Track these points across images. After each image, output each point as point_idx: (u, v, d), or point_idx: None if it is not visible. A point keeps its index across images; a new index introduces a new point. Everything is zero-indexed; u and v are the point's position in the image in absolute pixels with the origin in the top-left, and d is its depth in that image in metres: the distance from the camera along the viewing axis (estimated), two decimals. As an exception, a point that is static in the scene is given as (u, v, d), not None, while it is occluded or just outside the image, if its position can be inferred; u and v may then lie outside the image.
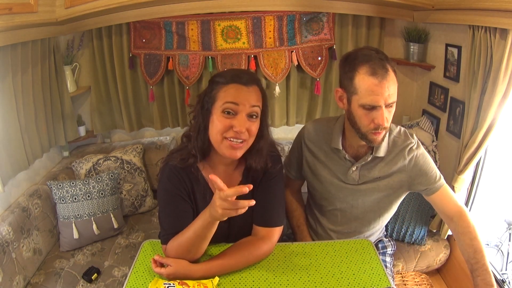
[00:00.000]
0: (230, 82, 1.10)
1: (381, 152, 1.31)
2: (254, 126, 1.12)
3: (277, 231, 1.24)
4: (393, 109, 1.18)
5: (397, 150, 1.33)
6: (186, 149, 1.18)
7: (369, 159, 1.32)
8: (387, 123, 1.18)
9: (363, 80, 1.15)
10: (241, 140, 1.09)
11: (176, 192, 1.18)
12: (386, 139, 1.30)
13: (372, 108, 1.16)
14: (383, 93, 1.12)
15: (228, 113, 1.08)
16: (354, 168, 1.34)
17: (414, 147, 1.34)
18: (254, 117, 1.11)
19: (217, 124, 1.09)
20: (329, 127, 1.40)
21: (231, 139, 1.09)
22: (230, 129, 1.08)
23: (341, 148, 1.33)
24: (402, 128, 1.38)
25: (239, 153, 1.11)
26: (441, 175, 1.37)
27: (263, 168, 1.22)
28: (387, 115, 1.17)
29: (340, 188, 1.40)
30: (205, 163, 1.22)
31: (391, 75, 1.14)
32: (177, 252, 1.12)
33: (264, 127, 1.18)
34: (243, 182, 1.24)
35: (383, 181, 1.36)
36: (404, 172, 1.34)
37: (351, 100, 1.21)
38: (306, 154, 1.46)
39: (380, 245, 1.58)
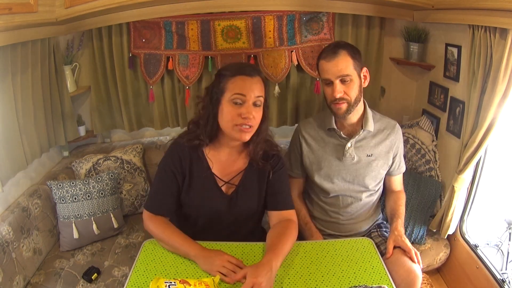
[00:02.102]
0: (236, 74, 1.26)
1: (369, 126, 1.56)
2: (259, 114, 1.28)
3: (295, 213, 1.42)
4: (351, 84, 1.46)
5: (385, 129, 1.61)
6: (195, 133, 1.34)
7: (361, 133, 1.56)
8: (347, 96, 1.46)
9: (320, 65, 1.51)
10: (249, 125, 1.25)
11: (171, 169, 1.33)
12: (370, 116, 1.58)
13: (329, 83, 1.47)
14: (331, 68, 1.44)
15: (236, 103, 1.24)
16: (349, 145, 1.56)
17: (399, 129, 1.65)
18: (258, 105, 1.28)
19: (227, 114, 1.25)
20: (320, 116, 1.68)
21: (241, 125, 1.24)
22: (239, 116, 1.24)
23: (335, 127, 1.57)
24: (383, 115, 1.67)
25: (248, 136, 1.28)
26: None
27: (263, 154, 1.37)
28: (345, 89, 1.45)
29: (340, 168, 1.59)
30: (212, 146, 1.37)
31: (341, 54, 1.43)
32: (156, 238, 1.31)
33: (265, 112, 1.33)
34: (248, 170, 1.39)
35: (376, 156, 1.59)
36: (391, 148, 1.61)
37: (320, 80, 1.60)
38: (305, 146, 1.65)
39: (382, 224, 1.74)
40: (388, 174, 1.68)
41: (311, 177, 1.66)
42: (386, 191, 1.76)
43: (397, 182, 1.73)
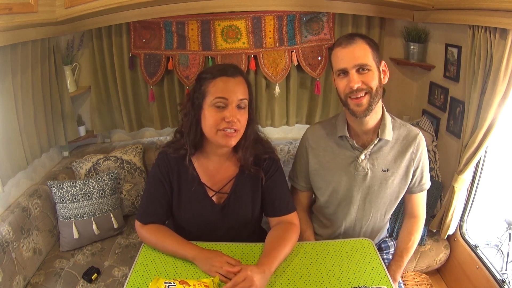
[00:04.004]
0: (217, 76, 1.19)
1: (386, 134, 1.33)
2: (244, 117, 1.22)
3: (297, 215, 1.36)
4: (369, 74, 1.23)
5: (404, 140, 1.37)
6: (180, 143, 1.28)
7: (376, 141, 1.34)
8: (365, 86, 1.23)
9: (333, 54, 1.28)
10: (233, 129, 1.18)
11: (160, 178, 1.30)
12: (388, 123, 1.34)
13: (344, 73, 1.25)
14: (347, 55, 1.23)
15: (219, 106, 1.17)
16: (363, 157, 1.35)
17: (422, 140, 1.39)
18: (243, 107, 1.21)
19: (209, 119, 1.18)
20: (331, 122, 1.45)
21: (225, 129, 1.17)
22: (223, 120, 1.17)
23: (348, 135, 1.36)
24: (403, 121, 1.43)
25: (233, 141, 1.21)
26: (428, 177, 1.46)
27: (254, 159, 1.30)
28: (363, 79, 1.23)
29: (350, 185, 1.39)
30: (199, 154, 1.31)
31: (358, 42, 1.23)
32: (151, 245, 1.28)
33: (251, 114, 1.26)
34: (239, 176, 1.32)
35: (392, 172, 1.37)
36: (411, 162, 1.38)
37: (333, 75, 1.32)
38: (311, 157, 1.45)
39: (383, 245, 1.59)
40: (407, 192, 1.45)
41: (316, 193, 1.51)
42: (405, 212, 1.55)
43: (417, 203, 1.48)
